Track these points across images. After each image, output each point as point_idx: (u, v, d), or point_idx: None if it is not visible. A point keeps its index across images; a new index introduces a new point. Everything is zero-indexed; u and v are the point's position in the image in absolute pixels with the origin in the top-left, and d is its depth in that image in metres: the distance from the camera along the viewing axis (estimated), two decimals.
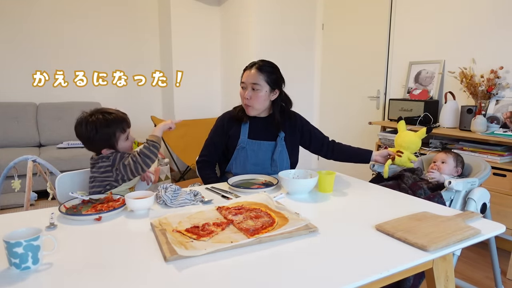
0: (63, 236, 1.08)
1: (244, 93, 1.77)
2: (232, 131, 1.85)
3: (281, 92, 1.84)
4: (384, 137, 3.08)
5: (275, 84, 1.78)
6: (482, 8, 2.74)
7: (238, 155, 1.82)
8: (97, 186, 1.51)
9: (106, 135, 1.50)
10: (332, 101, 4.09)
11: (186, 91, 4.46)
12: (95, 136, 1.49)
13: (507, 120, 2.52)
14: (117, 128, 1.52)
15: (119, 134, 1.53)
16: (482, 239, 1.08)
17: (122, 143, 1.55)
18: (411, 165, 1.80)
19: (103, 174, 1.51)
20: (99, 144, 1.51)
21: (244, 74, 1.79)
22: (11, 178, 2.61)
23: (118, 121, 1.53)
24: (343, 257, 0.94)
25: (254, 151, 1.80)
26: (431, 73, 3.10)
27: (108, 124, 1.50)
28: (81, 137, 1.52)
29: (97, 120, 1.49)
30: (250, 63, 1.80)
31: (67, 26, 4.19)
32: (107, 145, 1.52)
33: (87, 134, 1.49)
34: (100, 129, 1.48)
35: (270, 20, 3.91)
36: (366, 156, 1.86)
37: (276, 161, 1.81)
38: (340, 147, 1.92)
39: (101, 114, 1.51)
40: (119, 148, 1.55)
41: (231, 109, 1.93)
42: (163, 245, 0.99)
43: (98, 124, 1.48)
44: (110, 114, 1.52)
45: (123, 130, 1.54)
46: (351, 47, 3.80)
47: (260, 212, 1.21)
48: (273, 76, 1.77)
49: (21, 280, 0.84)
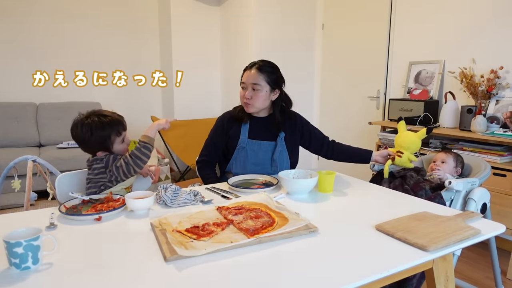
0: (63, 236, 1.08)
1: (244, 93, 1.77)
2: (232, 131, 1.85)
3: (281, 92, 1.84)
4: (384, 137, 3.08)
5: (275, 84, 1.78)
6: (482, 8, 2.74)
7: (238, 155, 1.82)
8: (93, 187, 1.52)
9: (101, 138, 1.49)
10: (332, 101, 4.09)
11: (186, 91, 4.46)
12: (90, 139, 1.48)
13: (507, 120, 2.52)
14: (112, 131, 1.51)
15: (114, 137, 1.52)
16: (482, 239, 1.08)
17: (117, 146, 1.54)
18: (411, 165, 1.80)
19: (97, 175, 1.51)
20: (94, 147, 1.51)
21: (244, 74, 1.79)
22: (11, 178, 2.61)
23: (113, 124, 1.52)
24: (343, 257, 0.94)
25: (254, 151, 1.80)
26: (431, 73, 3.10)
27: (104, 127, 1.49)
28: (77, 139, 1.51)
29: (92, 122, 1.48)
30: (250, 63, 1.80)
31: (67, 26, 4.19)
32: (102, 148, 1.52)
33: (82, 136, 1.48)
34: (95, 131, 1.48)
35: (270, 20, 3.91)
36: (366, 156, 1.86)
37: (276, 161, 1.81)
38: (340, 147, 1.92)
39: (97, 116, 1.50)
40: (114, 151, 1.54)
41: (231, 109, 1.93)
42: (163, 245, 0.99)
43: (93, 126, 1.48)
44: (105, 117, 1.52)
45: (119, 133, 1.53)
46: (351, 47, 3.80)
47: (260, 212, 1.21)
48: (273, 76, 1.77)
49: (21, 280, 0.84)
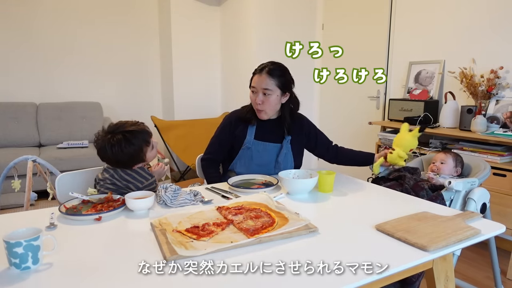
0: (63, 236, 1.08)
1: (255, 98, 1.74)
2: (238, 131, 1.83)
3: (291, 94, 1.82)
4: (384, 137, 3.08)
5: (285, 87, 1.76)
6: (482, 8, 2.74)
7: (243, 155, 1.81)
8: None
9: (134, 152, 1.47)
10: (332, 101, 4.09)
11: (186, 91, 4.46)
12: (124, 157, 1.46)
13: (507, 120, 2.52)
14: (142, 143, 1.49)
15: (145, 148, 1.51)
16: (482, 239, 1.08)
17: (149, 154, 1.54)
18: (402, 163, 1.75)
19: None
20: (129, 163, 1.49)
21: (254, 78, 1.76)
22: (11, 178, 2.61)
23: (139, 136, 1.49)
24: (343, 257, 0.94)
25: (259, 152, 1.79)
26: (431, 73, 3.10)
27: (132, 142, 1.46)
28: (110, 161, 1.49)
29: (119, 141, 1.44)
30: (260, 66, 1.76)
31: (67, 27, 4.18)
32: (136, 161, 1.51)
33: (115, 157, 1.45)
34: (125, 149, 1.45)
35: (270, 20, 3.91)
36: (369, 159, 1.86)
37: (280, 163, 1.79)
38: (342, 151, 1.92)
39: (121, 134, 1.46)
40: (147, 159, 1.54)
41: (239, 108, 1.91)
42: (163, 245, 0.99)
43: (122, 145, 1.44)
44: (130, 132, 1.48)
45: (148, 142, 1.52)
46: (351, 47, 3.80)
47: (260, 212, 1.21)
48: (283, 79, 1.75)
49: (21, 280, 0.84)
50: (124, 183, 1.48)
